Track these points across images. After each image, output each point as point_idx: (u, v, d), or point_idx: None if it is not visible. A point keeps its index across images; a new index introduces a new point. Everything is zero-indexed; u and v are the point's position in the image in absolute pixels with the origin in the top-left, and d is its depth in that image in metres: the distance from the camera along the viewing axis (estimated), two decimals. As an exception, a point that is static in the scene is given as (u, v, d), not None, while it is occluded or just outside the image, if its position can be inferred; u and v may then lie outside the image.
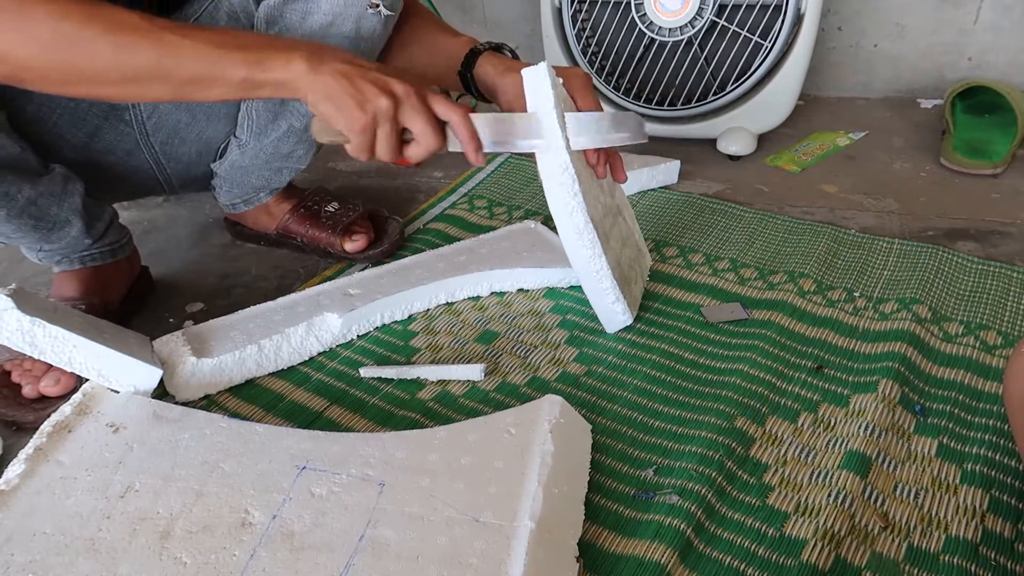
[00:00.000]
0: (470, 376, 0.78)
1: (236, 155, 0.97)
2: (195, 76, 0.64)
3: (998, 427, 0.69)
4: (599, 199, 0.79)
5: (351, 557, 0.55)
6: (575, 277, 0.91)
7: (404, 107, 0.66)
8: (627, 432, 0.71)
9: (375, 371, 0.79)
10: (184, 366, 0.76)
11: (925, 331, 0.81)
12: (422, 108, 0.66)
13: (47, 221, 0.81)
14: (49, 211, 0.81)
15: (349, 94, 0.64)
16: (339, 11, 0.81)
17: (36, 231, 0.81)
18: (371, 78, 0.65)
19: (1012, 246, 0.97)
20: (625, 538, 0.60)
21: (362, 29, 0.82)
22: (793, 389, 0.75)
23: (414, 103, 0.66)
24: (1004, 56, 1.37)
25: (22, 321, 0.68)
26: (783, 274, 0.92)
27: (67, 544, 0.57)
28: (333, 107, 0.65)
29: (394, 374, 0.79)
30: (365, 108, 0.64)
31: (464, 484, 0.61)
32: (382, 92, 0.64)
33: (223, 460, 0.65)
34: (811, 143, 1.31)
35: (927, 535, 0.59)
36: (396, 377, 0.79)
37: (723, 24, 1.14)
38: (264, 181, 1.01)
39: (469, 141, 0.68)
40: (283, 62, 0.64)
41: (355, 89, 0.64)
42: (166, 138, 0.93)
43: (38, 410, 0.75)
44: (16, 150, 0.75)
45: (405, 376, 0.79)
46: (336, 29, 0.82)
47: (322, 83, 0.64)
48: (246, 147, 0.96)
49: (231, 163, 0.98)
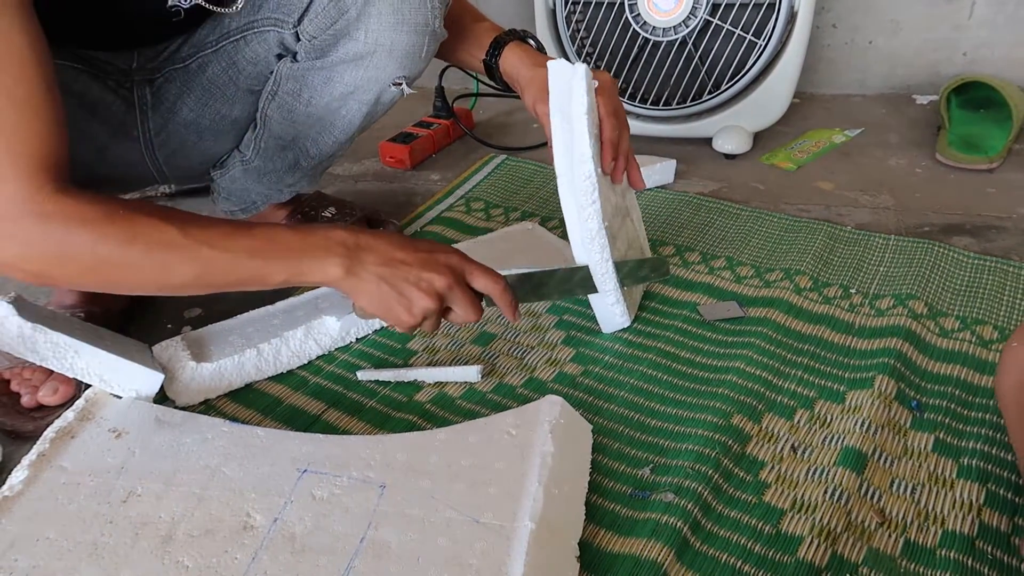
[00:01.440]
0: (467, 378, 0.78)
1: (239, 171, 0.96)
2: (235, 283, 0.65)
3: (994, 422, 0.69)
4: (610, 199, 0.79)
5: (352, 559, 0.56)
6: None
7: (448, 298, 0.67)
8: (624, 431, 0.71)
9: (372, 374, 0.80)
10: (184, 371, 0.77)
11: (921, 327, 0.81)
12: (464, 296, 0.68)
13: None
14: None
15: (394, 299, 0.66)
16: (361, 84, 0.83)
17: None
18: (413, 279, 0.65)
19: (1008, 240, 0.98)
20: (622, 537, 0.60)
21: (382, 99, 0.85)
22: (789, 386, 0.75)
23: (457, 296, 0.67)
24: (999, 51, 1.37)
25: (23, 327, 0.69)
26: (779, 272, 0.93)
27: (70, 549, 0.58)
28: (380, 311, 0.67)
29: (391, 377, 0.79)
30: (412, 311, 0.66)
31: (464, 485, 0.61)
32: (426, 294, 0.66)
33: (224, 464, 0.65)
34: (807, 140, 1.31)
35: (924, 530, 0.60)
36: (393, 380, 0.79)
37: (717, 23, 1.15)
38: (264, 198, 1.01)
39: (509, 308, 0.71)
40: (320, 267, 0.65)
41: (398, 293, 0.65)
42: (171, 152, 0.93)
43: (37, 419, 0.76)
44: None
45: (402, 379, 0.79)
46: (356, 98, 0.84)
47: (364, 290, 0.66)
48: (249, 165, 0.95)
49: (232, 177, 0.97)
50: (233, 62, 0.84)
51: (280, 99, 0.86)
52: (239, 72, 0.85)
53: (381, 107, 0.87)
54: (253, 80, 0.86)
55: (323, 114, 0.86)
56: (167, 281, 0.63)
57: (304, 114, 0.86)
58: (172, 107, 0.87)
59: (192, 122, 0.88)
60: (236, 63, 0.85)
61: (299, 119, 0.87)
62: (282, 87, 0.85)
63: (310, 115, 0.86)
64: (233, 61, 0.84)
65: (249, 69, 0.85)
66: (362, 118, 0.87)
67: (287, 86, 0.85)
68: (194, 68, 0.85)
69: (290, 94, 0.85)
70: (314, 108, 0.86)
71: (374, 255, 0.66)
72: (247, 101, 0.88)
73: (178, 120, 0.88)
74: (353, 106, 0.85)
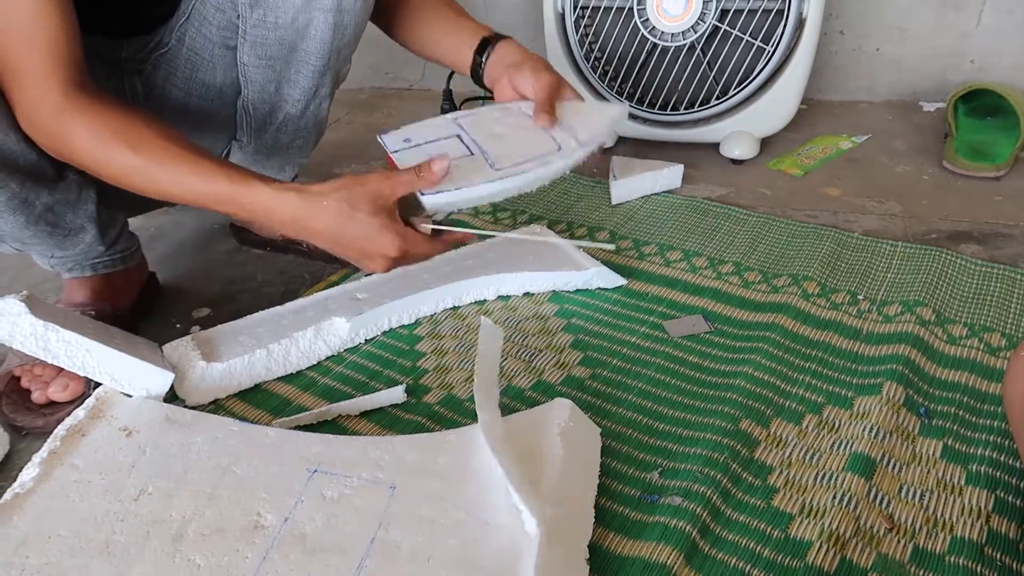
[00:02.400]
0: (392, 400, 0.77)
1: (238, 157, 0.99)
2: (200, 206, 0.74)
3: (1003, 428, 0.69)
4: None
5: (363, 559, 0.56)
6: (581, 281, 0.92)
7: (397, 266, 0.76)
8: (632, 435, 0.71)
9: (290, 420, 0.75)
10: (194, 370, 0.77)
11: (929, 333, 0.81)
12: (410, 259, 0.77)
13: (63, 228, 0.82)
14: (64, 218, 0.82)
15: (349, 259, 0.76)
16: None
17: (52, 237, 0.82)
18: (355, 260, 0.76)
19: (1015, 248, 0.98)
20: (631, 540, 0.60)
21: (343, 1, 0.83)
22: (797, 392, 0.75)
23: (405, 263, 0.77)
24: (1006, 59, 1.38)
25: (36, 326, 0.69)
26: (787, 277, 0.93)
27: (81, 547, 0.58)
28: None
29: (312, 419, 0.75)
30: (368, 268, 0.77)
31: (474, 487, 0.61)
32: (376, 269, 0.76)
33: (235, 463, 0.65)
34: (814, 147, 1.31)
35: (932, 536, 0.60)
36: (315, 420, 0.75)
37: (725, 29, 1.15)
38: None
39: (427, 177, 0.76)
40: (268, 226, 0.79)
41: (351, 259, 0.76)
42: None
43: (47, 415, 0.76)
44: (33, 157, 0.76)
45: (325, 417, 0.75)
46: (317, 3, 0.82)
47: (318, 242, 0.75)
48: (247, 147, 0.98)
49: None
50: (204, 17, 0.85)
51: (251, 36, 0.85)
52: (211, 24, 0.86)
53: (348, 15, 0.84)
54: (225, 29, 0.86)
55: (293, 38, 0.85)
56: (156, 191, 0.73)
57: (275, 43, 0.85)
58: (162, 92, 0.89)
59: (182, 105, 0.90)
60: (205, 16, 0.85)
61: (273, 53, 0.86)
62: (249, 21, 0.84)
63: (281, 43, 0.85)
64: (203, 16, 0.85)
65: (218, 18, 0.85)
66: (331, 30, 0.85)
67: (252, 17, 0.83)
68: (175, 44, 0.87)
69: (257, 24, 0.84)
70: (283, 31, 0.84)
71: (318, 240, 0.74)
72: (226, 60, 0.89)
73: (169, 106, 0.89)
74: (318, 17, 0.83)
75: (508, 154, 0.79)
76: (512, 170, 0.77)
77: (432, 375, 0.81)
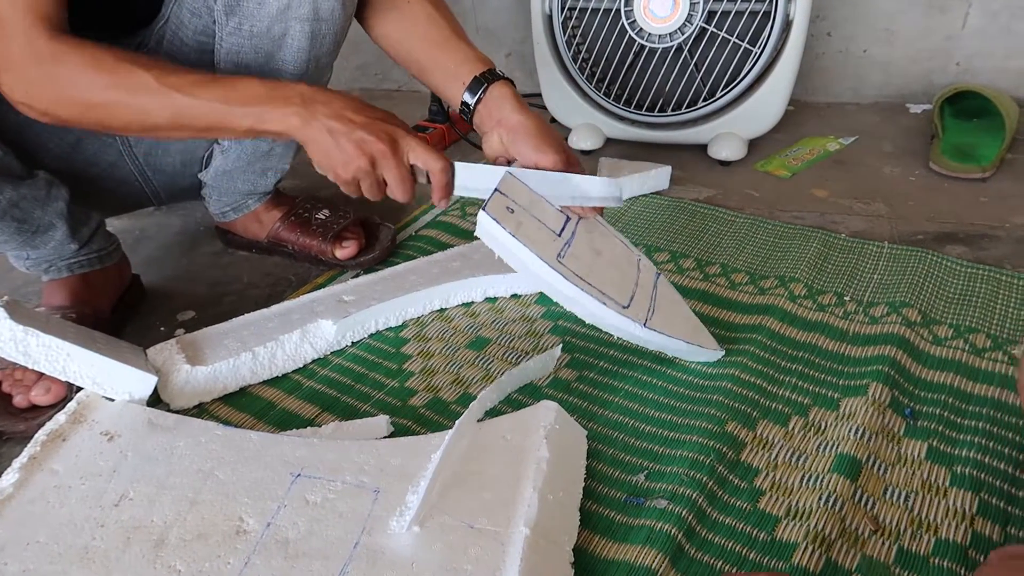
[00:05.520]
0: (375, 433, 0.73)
1: (220, 160, 0.98)
2: (208, 127, 0.73)
3: (987, 430, 0.69)
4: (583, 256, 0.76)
5: (346, 565, 0.56)
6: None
7: (381, 165, 0.74)
8: (619, 437, 0.71)
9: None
10: (178, 374, 0.76)
11: (915, 334, 0.81)
12: (395, 169, 0.74)
13: (30, 224, 0.82)
14: (32, 214, 0.82)
15: (336, 152, 0.73)
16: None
17: (20, 234, 0.82)
18: (356, 138, 0.72)
19: (1001, 249, 0.98)
20: (616, 543, 0.60)
21: (320, 10, 0.82)
22: (784, 393, 0.75)
23: (390, 165, 0.74)
24: (991, 61, 1.39)
25: (15, 331, 0.68)
26: (774, 279, 0.93)
27: (61, 553, 0.57)
28: (323, 162, 0.75)
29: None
30: (348, 167, 0.73)
31: (459, 490, 0.61)
32: (363, 154, 0.72)
33: (218, 468, 0.65)
34: (801, 148, 1.32)
35: (917, 538, 0.60)
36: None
37: (712, 30, 1.15)
38: (251, 185, 1.02)
39: (439, 190, 0.76)
40: (280, 116, 0.72)
41: (339, 148, 0.72)
42: (149, 148, 0.94)
43: (29, 419, 0.75)
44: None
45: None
46: (294, 12, 0.81)
47: (313, 139, 0.73)
48: (228, 152, 0.97)
49: (216, 169, 0.99)
50: (180, 21, 0.85)
51: (227, 44, 0.84)
52: (187, 29, 0.85)
53: (325, 24, 0.83)
54: (201, 35, 0.85)
55: (269, 47, 0.84)
56: (145, 122, 0.72)
57: (251, 51, 0.84)
58: None
59: None
60: (182, 21, 0.85)
61: (249, 61, 0.85)
62: (224, 29, 0.83)
63: (257, 51, 0.84)
64: (180, 21, 0.85)
65: (194, 22, 0.84)
66: (308, 39, 0.83)
67: (228, 25, 0.82)
68: (154, 47, 0.87)
69: (233, 32, 0.82)
70: (259, 40, 0.83)
71: (327, 109, 0.72)
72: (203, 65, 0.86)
73: None
74: (295, 27, 0.82)
75: (583, 270, 0.73)
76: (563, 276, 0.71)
77: (418, 377, 0.81)
